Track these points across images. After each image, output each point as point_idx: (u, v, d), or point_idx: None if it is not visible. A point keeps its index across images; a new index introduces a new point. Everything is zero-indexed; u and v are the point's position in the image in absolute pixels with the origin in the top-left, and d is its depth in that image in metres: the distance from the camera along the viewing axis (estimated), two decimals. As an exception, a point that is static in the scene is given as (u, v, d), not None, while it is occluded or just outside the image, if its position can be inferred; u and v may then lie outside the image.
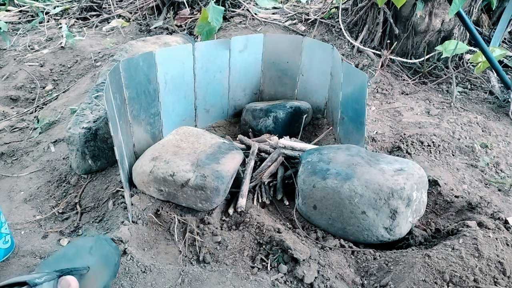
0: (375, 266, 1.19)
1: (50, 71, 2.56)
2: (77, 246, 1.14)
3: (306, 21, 2.78)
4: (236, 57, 1.92)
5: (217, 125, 2.01)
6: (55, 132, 1.92)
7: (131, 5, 3.39)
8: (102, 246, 1.13)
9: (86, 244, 1.14)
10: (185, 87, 1.79)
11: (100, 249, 1.12)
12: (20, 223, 1.40)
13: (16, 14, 3.43)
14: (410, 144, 1.72)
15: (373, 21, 2.43)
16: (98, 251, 1.11)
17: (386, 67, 2.35)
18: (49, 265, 1.09)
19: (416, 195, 1.26)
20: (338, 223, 1.28)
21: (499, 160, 1.69)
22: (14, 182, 1.62)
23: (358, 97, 1.53)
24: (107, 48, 2.73)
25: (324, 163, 1.34)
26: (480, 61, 2.13)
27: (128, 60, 1.46)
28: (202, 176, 1.31)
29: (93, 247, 1.12)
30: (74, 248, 1.13)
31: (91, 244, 1.13)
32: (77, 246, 1.14)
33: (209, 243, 1.27)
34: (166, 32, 2.96)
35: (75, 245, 1.15)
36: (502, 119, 2.02)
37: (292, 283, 1.15)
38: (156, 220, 1.33)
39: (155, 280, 1.15)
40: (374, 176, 1.25)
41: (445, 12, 2.27)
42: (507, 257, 1.11)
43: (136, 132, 1.58)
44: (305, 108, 1.93)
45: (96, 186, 1.55)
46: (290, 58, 2.00)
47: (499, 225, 1.25)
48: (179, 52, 1.70)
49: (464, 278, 1.06)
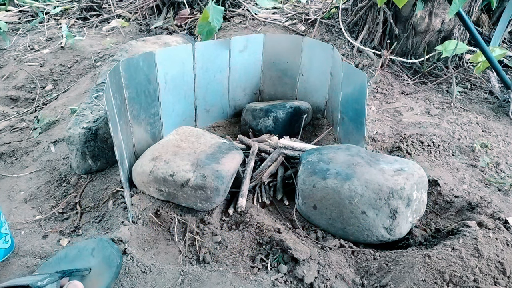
0: (375, 266, 1.19)
1: (50, 71, 2.56)
2: (79, 247, 1.14)
3: (306, 21, 2.78)
4: (236, 57, 1.92)
5: (217, 125, 2.01)
6: (55, 132, 1.92)
7: (131, 5, 3.39)
8: (104, 248, 1.13)
9: (88, 245, 1.14)
10: (185, 87, 1.79)
11: (102, 251, 1.12)
12: (20, 223, 1.40)
13: (16, 14, 3.43)
14: (410, 144, 1.72)
15: (373, 21, 2.43)
16: (100, 253, 1.11)
17: (386, 67, 2.35)
18: (51, 266, 1.10)
19: (416, 195, 1.26)
20: (338, 223, 1.28)
21: (499, 160, 1.69)
22: (14, 182, 1.62)
23: (358, 97, 1.53)
24: (107, 48, 2.73)
25: (324, 163, 1.34)
26: (480, 61, 2.13)
27: (128, 60, 1.46)
28: (202, 176, 1.31)
29: (95, 249, 1.12)
30: (76, 250, 1.13)
31: (93, 246, 1.14)
32: (79, 247, 1.14)
33: (209, 243, 1.27)
34: (166, 32, 2.96)
35: (77, 246, 1.15)
36: (502, 119, 2.02)
37: (292, 283, 1.15)
38: (156, 220, 1.33)
39: (155, 280, 1.15)
40: (374, 176, 1.25)
41: (445, 12, 2.27)
42: (507, 257, 1.11)
43: (136, 132, 1.58)
44: (305, 108, 1.93)
45: (96, 186, 1.55)
46: (290, 58, 2.00)
47: (499, 225, 1.25)
48: (179, 52, 1.70)
49: (464, 278, 1.06)
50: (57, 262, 1.11)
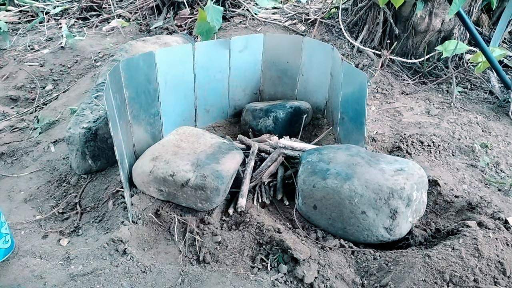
0: (375, 266, 1.19)
1: (50, 71, 2.56)
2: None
3: (306, 21, 2.78)
4: (236, 57, 1.91)
5: (217, 125, 2.01)
6: (55, 132, 1.92)
7: (131, 5, 3.39)
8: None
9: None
10: (185, 87, 1.79)
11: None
12: (20, 223, 1.40)
13: (16, 14, 3.43)
14: (410, 144, 1.72)
15: (373, 21, 2.43)
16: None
17: (386, 67, 2.35)
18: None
19: (416, 195, 1.26)
20: (338, 223, 1.28)
21: (499, 160, 1.69)
22: (14, 182, 1.62)
23: (358, 97, 1.53)
24: (107, 48, 2.73)
25: (324, 163, 1.34)
26: (480, 61, 2.13)
27: (128, 60, 1.46)
28: (202, 176, 1.31)
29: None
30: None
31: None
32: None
33: (209, 243, 1.27)
34: (166, 32, 2.95)
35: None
36: (502, 119, 2.02)
37: (292, 283, 1.15)
38: (156, 220, 1.33)
39: (155, 280, 1.15)
40: (374, 176, 1.25)
41: (445, 12, 2.27)
42: (507, 257, 1.11)
43: (136, 132, 1.58)
44: (305, 108, 1.93)
45: (96, 186, 1.55)
46: (290, 58, 2.00)
47: (499, 225, 1.25)
48: (179, 52, 1.70)
49: (464, 278, 1.06)
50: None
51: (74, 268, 1.19)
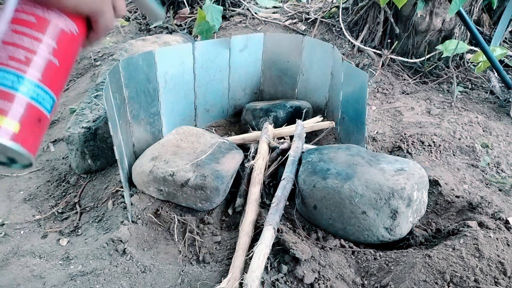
0: (376, 266, 1.19)
1: (50, 70, 2.56)
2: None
3: (307, 21, 2.78)
4: (236, 57, 1.91)
5: (217, 124, 2.00)
6: (55, 132, 1.91)
7: (130, 4, 3.39)
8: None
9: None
10: (185, 86, 1.78)
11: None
12: (20, 222, 1.39)
13: (16, 13, 3.42)
14: (411, 144, 1.71)
15: (373, 21, 2.43)
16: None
17: (387, 67, 2.35)
18: None
19: (417, 195, 1.25)
20: (338, 223, 1.27)
21: (500, 160, 1.69)
22: (13, 181, 1.61)
23: (359, 96, 1.52)
24: (107, 47, 2.73)
25: (324, 163, 1.33)
26: (481, 60, 2.12)
27: (127, 59, 1.46)
28: (202, 176, 1.31)
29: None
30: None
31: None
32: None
33: (209, 243, 1.26)
34: (166, 31, 2.95)
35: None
36: (503, 119, 2.01)
37: (293, 283, 1.14)
38: (156, 220, 1.33)
39: (155, 280, 1.15)
40: (375, 176, 1.24)
41: (445, 12, 2.26)
42: (508, 257, 1.11)
43: (136, 131, 1.57)
44: (305, 107, 1.93)
45: (96, 186, 1.55)
46: (290, 58, 1.99)
47: (499, 225, 1.25)
48: (179, 51, 1.69)
49: (464, 278, 1.06)
50: None
51: (73, 268, 1.18)
